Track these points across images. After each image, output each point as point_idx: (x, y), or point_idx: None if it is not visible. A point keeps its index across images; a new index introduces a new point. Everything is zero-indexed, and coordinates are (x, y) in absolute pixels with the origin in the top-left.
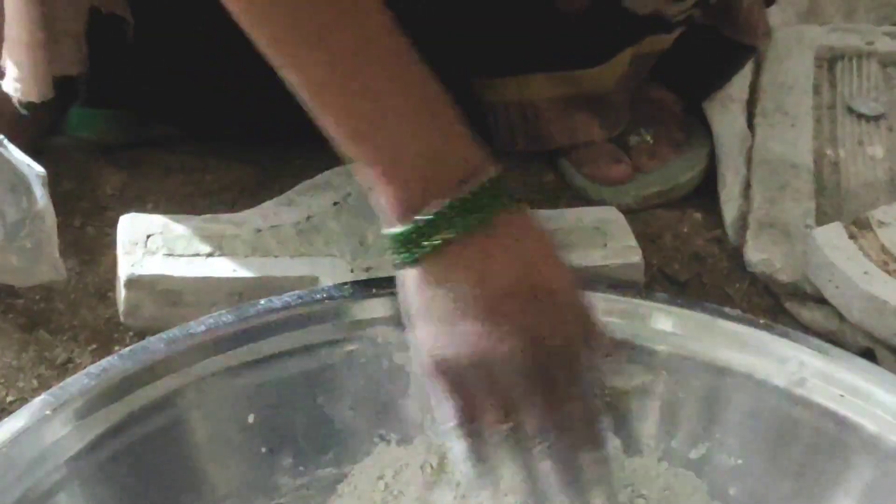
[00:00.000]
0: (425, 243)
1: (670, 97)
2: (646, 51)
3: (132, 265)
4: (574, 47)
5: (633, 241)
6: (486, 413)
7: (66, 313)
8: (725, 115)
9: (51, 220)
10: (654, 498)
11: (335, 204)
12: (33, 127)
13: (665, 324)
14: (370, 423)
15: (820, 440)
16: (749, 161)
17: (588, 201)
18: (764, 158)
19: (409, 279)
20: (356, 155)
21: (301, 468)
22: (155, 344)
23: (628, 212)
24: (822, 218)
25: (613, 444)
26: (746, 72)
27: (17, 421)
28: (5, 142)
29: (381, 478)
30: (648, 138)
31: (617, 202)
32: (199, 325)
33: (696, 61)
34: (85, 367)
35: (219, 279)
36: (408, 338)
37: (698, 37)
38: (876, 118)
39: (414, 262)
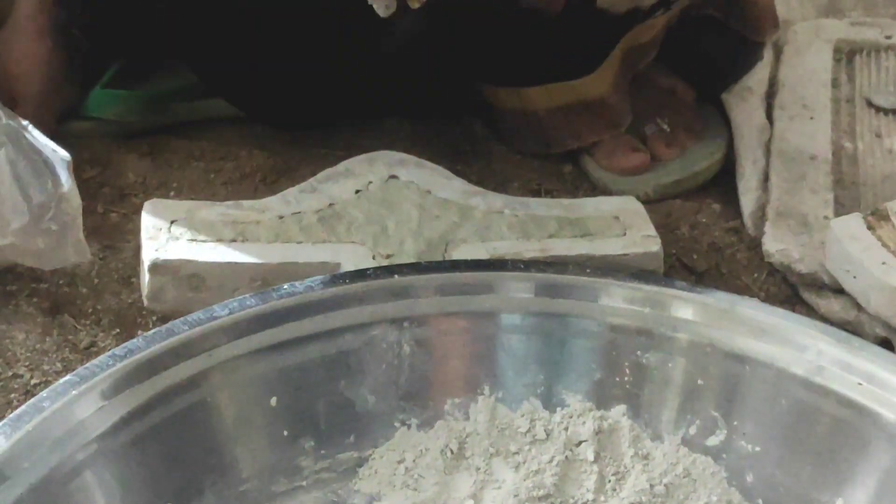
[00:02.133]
0: None
1: (681, 85)
2: (634, 44)
3: (156, 250)
4: (564, 58)
5: (652, 231)
6: None
7: (90, 297)
8: (744, 107)
9: (76, 203)
10: (673, 484)
11: (357, 192)
12: (54, 110)
13: (685, 312)
14: (391, 408)
15: (838, 428)
16: (768, 152)
17: (607, 192)
18: (782, 150)
19: None
20: None
21: (322, 451)
22: (179, 327)
23: (647, 202)
24: (839, 209)
25: (636, 430)
26: (766, 64)
27: (43, 401)
28: (30, 127)
29: (401, 462)
30: (665, 127)
31: (636, 193)
32: (222, 309)
33: (708, 54)
34: (109, 351)
35: (242, 264)
36: None
37: (710, 30)
38: (894, 111)
39: None
